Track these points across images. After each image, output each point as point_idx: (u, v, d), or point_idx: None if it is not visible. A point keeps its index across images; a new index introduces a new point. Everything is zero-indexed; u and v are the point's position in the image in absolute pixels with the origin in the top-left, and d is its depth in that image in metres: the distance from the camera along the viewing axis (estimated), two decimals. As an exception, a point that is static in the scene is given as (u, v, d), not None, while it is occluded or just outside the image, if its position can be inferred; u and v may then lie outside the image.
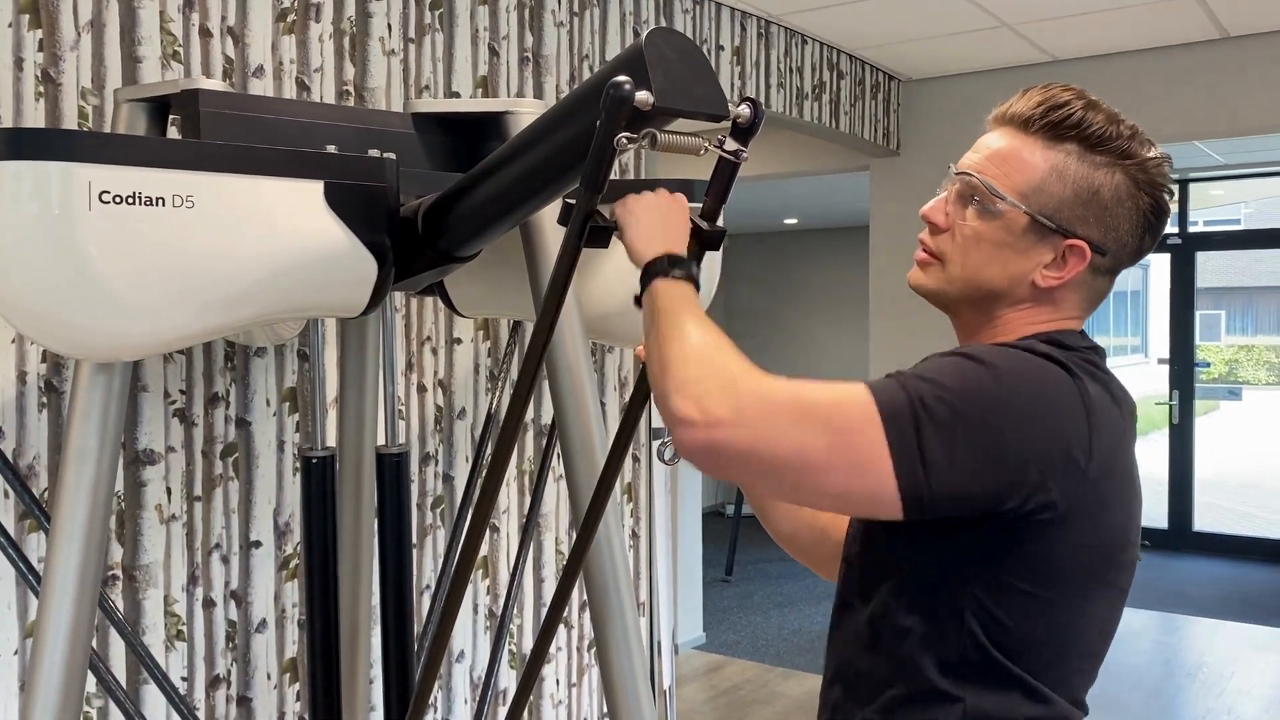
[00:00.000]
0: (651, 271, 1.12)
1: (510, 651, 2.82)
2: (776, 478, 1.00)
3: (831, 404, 0.99)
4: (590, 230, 1.10)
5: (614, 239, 1.16)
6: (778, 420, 0.97)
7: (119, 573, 2.00)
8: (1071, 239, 1.10)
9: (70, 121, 1.91)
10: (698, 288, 1.13)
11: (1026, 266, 1.11)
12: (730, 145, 1.11)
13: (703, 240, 1.24)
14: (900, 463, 0.96)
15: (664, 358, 1.05)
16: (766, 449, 0.97)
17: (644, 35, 1.09)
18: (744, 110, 1.10)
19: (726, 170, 1.13)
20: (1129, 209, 1.11)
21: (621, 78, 1.02)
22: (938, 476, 0.97)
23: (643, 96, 1.03)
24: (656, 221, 1.14)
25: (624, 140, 1.04)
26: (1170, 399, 7.33)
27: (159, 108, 1.62)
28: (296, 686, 2.29)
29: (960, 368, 1.01)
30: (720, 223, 1.24)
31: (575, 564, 1.33)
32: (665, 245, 1.13)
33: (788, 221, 8.43)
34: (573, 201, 1.09)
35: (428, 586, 2.57)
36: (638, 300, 1.14)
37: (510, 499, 2.79)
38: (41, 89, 1.88)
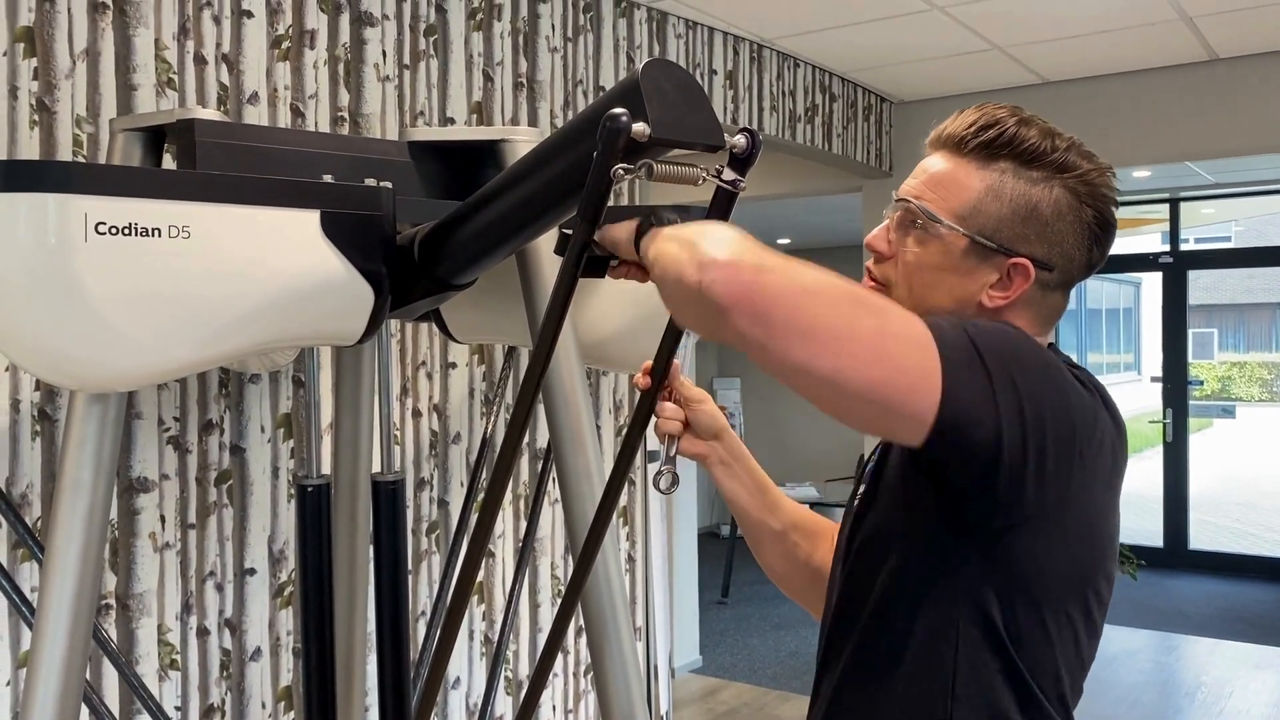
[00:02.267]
0: (643, 229, 1.06)
1: (506, 678, 2.80)
2: (812, 341, 0.89)
3: (883, 300, 0.96)
4: (587, 261, 1.10)
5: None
6: (827, 287, 0.91)
7: (112, 601, 1.99)
8: (1014, 258, 1.09)
9: (65, 150, 1.92)
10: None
11: (972, 288, 1.11)
12: (728, 175, 1.11)
13: None
14: (948, 370, 0.92)
15: (688, 237, 0.96)
16: (810, 306, 0.89)
17: (640, 67, 1.10)
18: (740, 140, 1.11)
19: (724, 200, 1.13)
20: (1071, 222, 1.10)
21: (618, 110, 1.03)
22: (973, 403, 0.93)
23: (639, 128, 1.03)
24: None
25: (620, 171, 1.04)
26: (1164, 417, 7.34)
27: (154, 137, 1.63)
28: (292, 715, 2.28)
29: (1005, 328, 1.03)
30: None
31: (574, 593, 1.33)
32: (641, 216, 1.09)
33: (781, 241, 8.46)
34: (569, 232, 1.09)
35: (423, 613, 2.56)
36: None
37: (506, 524, 2.79)
38: (36, 118, 1.89)
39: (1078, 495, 1.03)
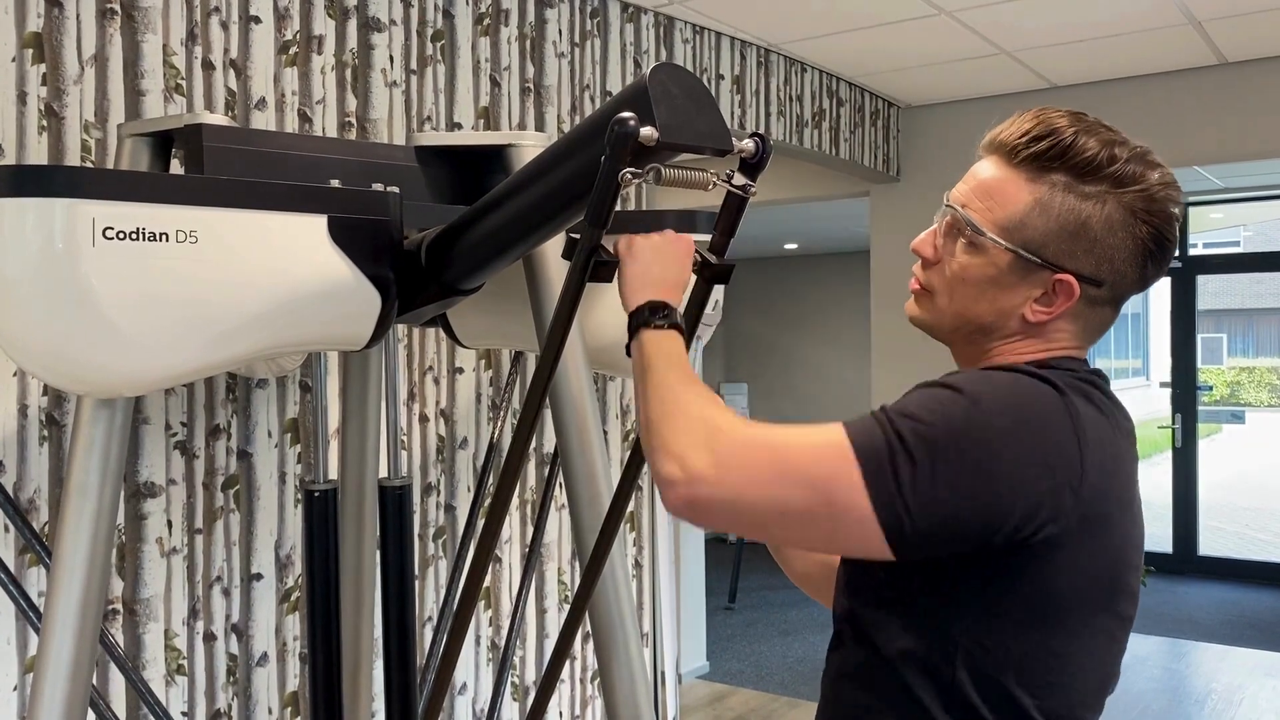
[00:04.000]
0: (635, 321, 1.12)
1: (513, 684, 2.79)
2: (764, 529, 1.02)
3: (809, 453, 0.99)
4: (594, 265, 1.10)
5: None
6: (757, 476, 0.98)
7: (119, 606, 1.99)
8: (1060, 274, 1.07)
9: (73, 155, 1.92)
10: (685, 334, 1.12)
11: (1015, 301, 1.09)
12: (738, 180, 1.11)
13: (711, 275, 1.24)
14: (879, 504, 0.95)
15: (647, 417, 1.06)
16: (747, 505, 0.98)
17: (648, 71, 1.09)
18: (749, 144, 1.10)
19: (735, 205, 1.13)
20: (1123, 239, 1.07)
21: (626, 114, 1.02)
22: (919, 513, 0.95)
23: (647, 132, 1.03)
24: (654, 264, 1.14)
25: (628, 176, 1.04)
26: (1173, 422, 7.31)
27: (162, 142, 1.63)
28: (298, 721, 2.27)
29: (938, 399, 1.00)
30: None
31: (582, 599, 1.32)
32: (655, 292, 1.13)
33: (788, 247, 8.45)
34: (577, 236, 1.09)
35: (430, 618, 2.55)
36: (628, 350, 1.15)
37: (512, 529, 2.78)
38: (45, 123, 1.89)
39: (1082, 526, 1.00)
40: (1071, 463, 0.99)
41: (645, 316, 1.11)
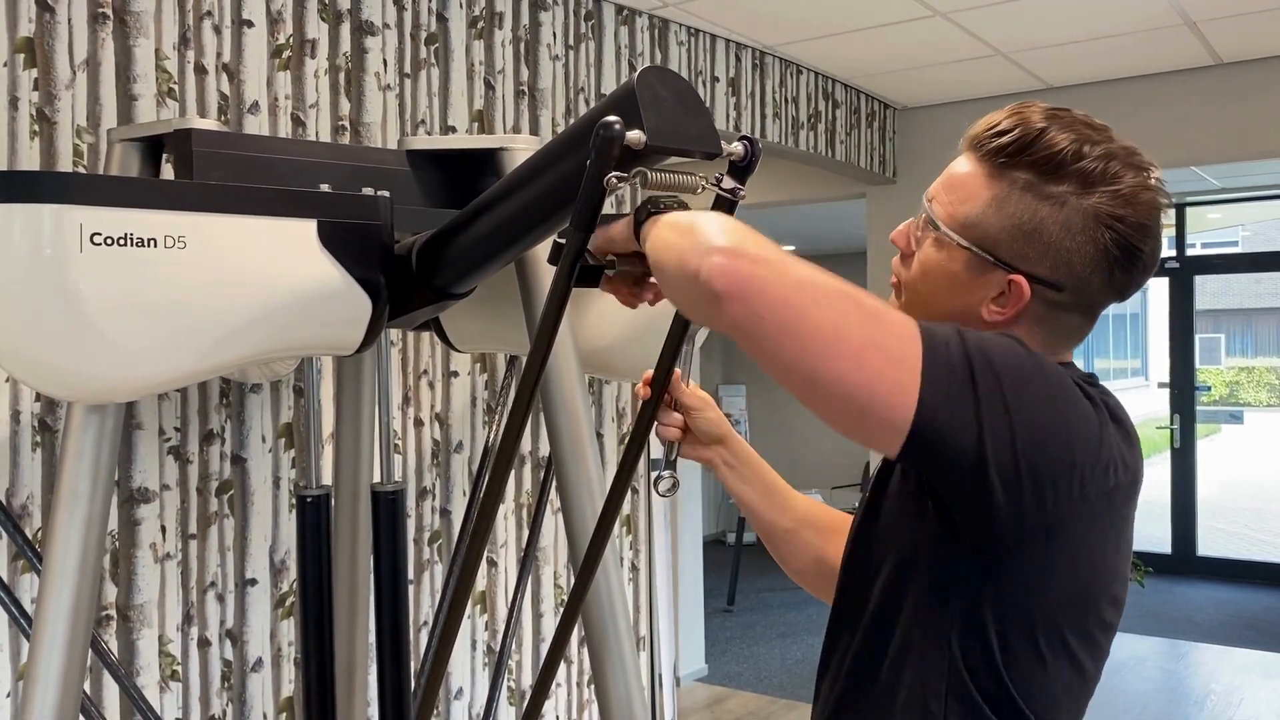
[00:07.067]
0: (642, 217, 1.05)
1: (509, 688, 2.79)
2: (797, 340, 0.89)
3: (877, 304, 0.93)
4: (581, 269, 1.09)
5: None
6: (819, 286, 0.90)
7: (113, 613, 1.98)
8: (1013, 274, 1.03)
9: (65, 160, 1.92)
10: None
11: (971, 300, 1.06)
12: (728, 183, 1.10)
13: None
14: (927, 381, 0.89)
15: (688, 226, 0.96)
16: (800, 305, 0.89)
17: (636, 74, 1.09)
18: (738, 148, 1.10)
19: (724, 208, 1.12)
20: (1083, 244, 1.02)
21: (611, 117, 1.02)
22: (953, 418, 0.90)
23: (634, 135, 1.02)
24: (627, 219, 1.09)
25: (614, 179, 1.03)
26: (1171, 422, 7.31)
27: (152, 147, 1.62)
28: (293, 726, 2.27)
29: (1013, 347, 0.96)
30: None
31: (576, 603, 1.32)
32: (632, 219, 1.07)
33: (785, 248, 8.43)
34: (563, 241, 1.08)
35: (426, 623, 2.55)
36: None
37: (508, 532, 2.78)
38: (37, 128, 1.89)
39: (1079, 519, 0.99)
40: (1090, 460, 0.97)
41: (649, 210, 1.04)
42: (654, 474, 1.25)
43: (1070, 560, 1.00)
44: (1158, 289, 8.18)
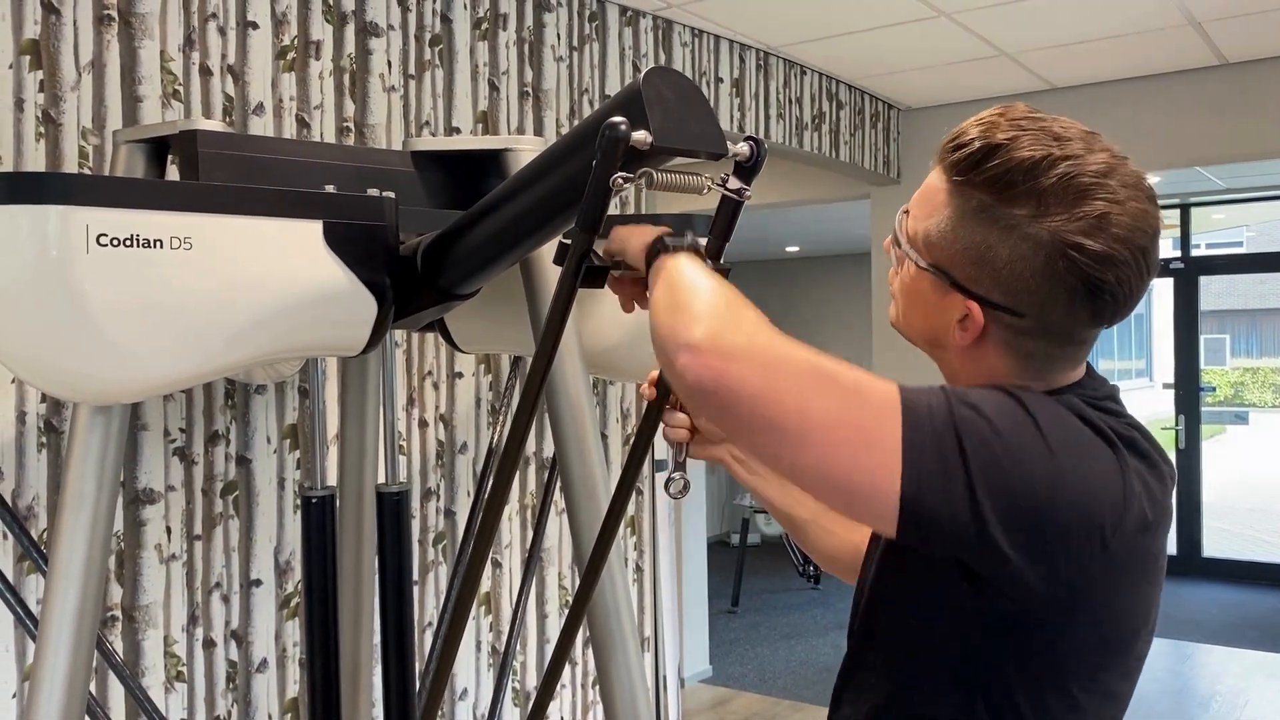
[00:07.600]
0: (654, 252, 1.03)
1: (514, 689, 2.79)
2: (774, 433, 0.87)
3: (854, 379, 0.88)
4: (586, 270, 1.09)
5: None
6: (793, 373, 0.87)
7: (118, 613, 1.99)
8: (969, 298, 0.96)
9: (71, 162, 1.92)
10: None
11: (941, 321, 1.00)
12: (733, 184, 1.10)
13: None
14: (909, 463, 0.85)
15: (676, 301, 0.94)
16: (773, 397, 0.86)
17: (642, 74, 1.09)
18: (743, 148, 1.09)
19: (730, 209, 1.12)
20: (1036, 271, 0.93)
21: (617, 118, 1.02)
22: (944, 495, 0.85)
23: (640, 136, 1.02)
24: (645, 227, 1.08)
25: (620, 180, 1.03)
26: (1176, 423, 7.29)
27: (158, 148, 1.63)
28: (298, 727, 2.27)
29: (1005, 404, 0.91)
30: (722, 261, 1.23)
31: (581, 604, 1.32)
32: (650, 234, 1.06)
33: (789, 249, 8.44)
34: (568, 242, 1.08)
35: (430, 623, 2.55)
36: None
37: (513, 534, 2.78)
38: (42, 130, 1.89)
39: (1110, 572, 0.93)
40: (1111, 522, 0.91)
41: (663, 245, 1.02)
42: (664, 476, 1.24)
43: (1102, 608, 0.96)
44: (1162, 290, 8.17)
